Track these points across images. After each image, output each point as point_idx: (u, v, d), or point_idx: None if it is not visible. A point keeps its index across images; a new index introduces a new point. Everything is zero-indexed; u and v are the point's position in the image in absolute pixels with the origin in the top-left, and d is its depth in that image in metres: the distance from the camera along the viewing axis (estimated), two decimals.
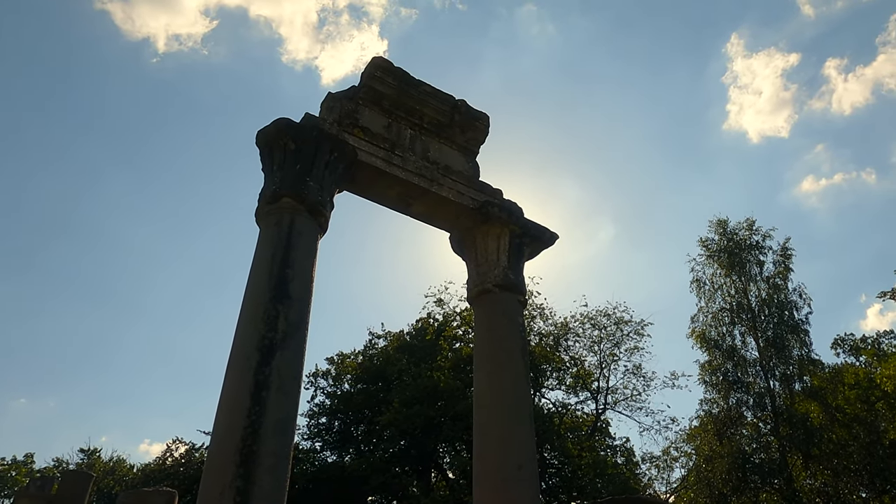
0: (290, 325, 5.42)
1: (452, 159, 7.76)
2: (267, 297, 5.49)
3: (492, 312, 7.12)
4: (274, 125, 6.44)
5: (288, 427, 5.06)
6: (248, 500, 4.54)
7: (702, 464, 23.06)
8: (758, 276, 24.67)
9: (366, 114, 7.26)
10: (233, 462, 4.68)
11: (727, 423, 22.63)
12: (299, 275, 5.75)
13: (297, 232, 5.95)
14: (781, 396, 22.61)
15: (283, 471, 4.87)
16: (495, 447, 6.20)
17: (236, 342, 5.38)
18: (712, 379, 23.60)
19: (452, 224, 7.74)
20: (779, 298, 24.00)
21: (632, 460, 30.77)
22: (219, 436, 4.92)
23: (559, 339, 30.18)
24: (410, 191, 7.25)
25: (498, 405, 6.46)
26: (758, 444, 22.76)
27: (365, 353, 36.60)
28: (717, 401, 23.33)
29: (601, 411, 30.25)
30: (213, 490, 4.63)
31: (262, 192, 6.34)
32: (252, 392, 4.98)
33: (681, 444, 26.95)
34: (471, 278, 7.55)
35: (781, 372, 22.89)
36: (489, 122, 8.11)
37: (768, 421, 22.55)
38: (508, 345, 6.85)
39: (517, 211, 7.72)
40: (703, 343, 24.27)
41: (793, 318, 23.65)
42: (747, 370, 23.15)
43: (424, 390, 28.28)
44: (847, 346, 27.41)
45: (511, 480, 5.96)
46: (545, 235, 7.89)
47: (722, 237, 25.65)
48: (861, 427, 21.20)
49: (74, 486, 10.31)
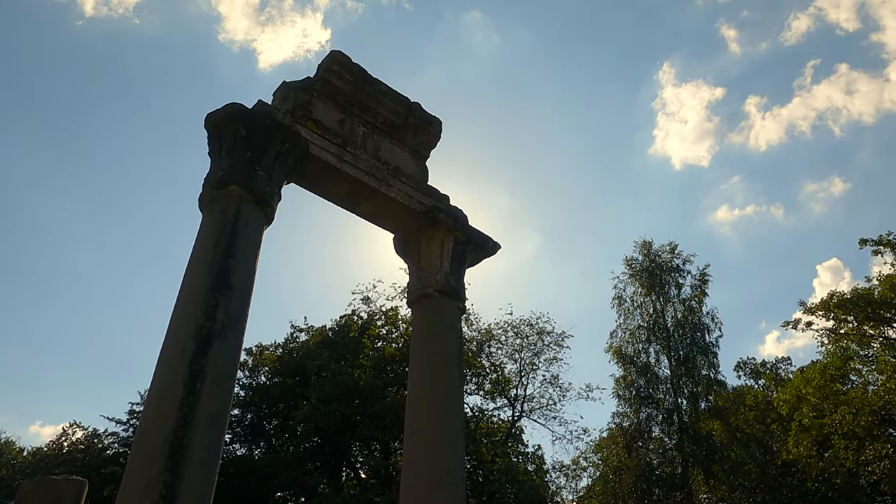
0: (229, 317, 5.28)
1: (403, 161, 7.76)
2: (207, 286, 5.32)
3: (431, 317, 7.15)
4: (226, 109, 6.26)
5: (221, 421, 4.93)
6: (176, 494, 4.39)
7: (609, 474, 23.88)
8: (675, 297, 25.83)
9: (320, 107, 7.16)
10: (161, 454, 4.51)
11: (636, 437, 23.53)
12: (242, 265, 5.61)
13: (243, 221, 5.80)
14: (688, 414, 23.72)
15: (213, 466, 4.74)
16: (426, 451, 6.23)
17: (172, 331, 5.19)
18: (625, 393, 24.49)
19: (398, 226, 7.74)
20: (693, 320, 25.19)
21: (542, 468, 31.49)
22: (147, 426, 4.74)
23: (482, 345, 30.53)
24: (359, 189, 7.19)
25: (431, 409, 6.49)
26: (663, 458, 23.78)
27: (285, 346, 35.87)
28: (629, 414, 24.23)
29: (517, 418, 30.78)
30: (137, 482, 4.45)
31: (208, 177, 6.14)
32: (186, 383, 4.82)
33: (590, 454, 27.82)
34: (412, 281, 7.56)
35: (690, 390, 24.02)
36: (441, 127, 8.15)
37: (674, 436, 23.59)
38: (445, 350, 6.90)
39: (463, 218, 7.79)
40: (620, 358, 25.16)
41: (704, 339, 24.88)
42: (659, 387, 24.17)
43: (343, 388, 27.98)
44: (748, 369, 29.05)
45: (440, 484, 6.01)
46: (488, 244, 8.00)
47: (645, 258, 26.70)
48: (757, 447, 22.51)
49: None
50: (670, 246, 26.79)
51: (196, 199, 6.11)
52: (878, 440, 20.69)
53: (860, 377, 23.13)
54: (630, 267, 26.66)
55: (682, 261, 26.43)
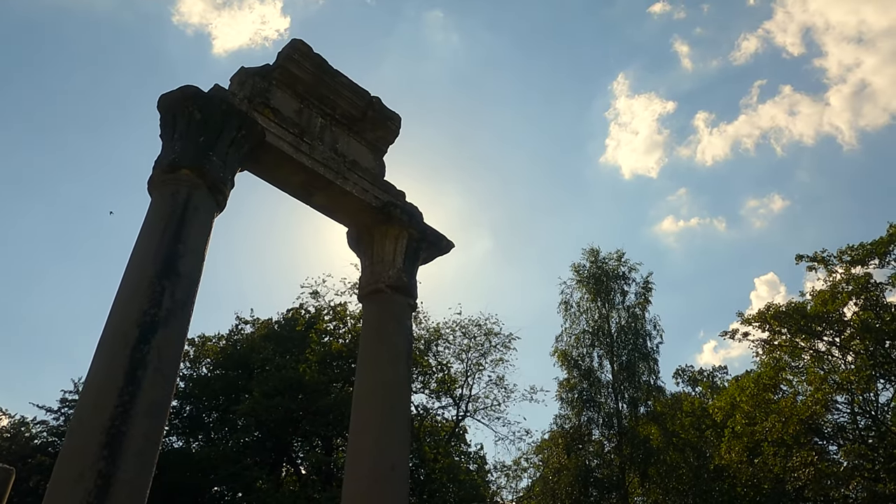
0: (175, 303, 5.15)
1: (360, 155, 7.70)
2: (153, 272, 5.17)
3: (381, 312, 7.12)
4: (181, 91, 6.09)
5: (162, 411, 4.80)
6: (111, 484, 4.25)
7: (549, 475, 24.24)
8: (620, 304, 26.42)
9: (278, 95, 7.05)
10: (97, 443, 4.36)
11: (576, 439, 23.97)
12: (191, 252, 5.47)
13: (194, 207, 5.66)
14: (627, 418, 24.28)
15: (152, 456, 4.61)
16: (371, 446, 6.21)
17: (113, 316, 5.03)
18: (568, 396, 24.91)
19: (352, 220, 7.68)
20: (635, 327, 25.82)
21: (484, 468, 31.73)
22: (83, 414, 4.57)
23: (430, 344, 30.52)
24: (315, 180, 7.11)
25: (378, 405, 6.47)
26: (601, 460, 24.30)
27: (229, 337, 35.14)
28: (571, 417, 24.66)
29: (461, 418, 30.91)
30: (70, 472, 4.29)
31: (159, 159, 5.97)
32: (127, 371, 4.67)
33: (531, 455, 28.18)
34: (364, 276, 7.52)
35: (630, 395, 24.60)
36: (401, 123, 8.13)
37: (613, 440, 24.13)
38: (394, 347, 6.89)
39: (418, 215, 7.78)
40: (564, 362, 25.57)
41: (645, 346, 25.53)
42: (601, 391, 24.68)
43: (287, 382, 27.58)
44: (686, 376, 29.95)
45: (383, 480, 5.99)
46: (442, 243, 8.01)
47: (592, 265, 27.23)
48: (692, 451, 23.23)
49: None
50: (617, 254, 27.47)
51: (144, 181, 5.93)
52: (804, 448, 21.62)
53: (791, 387, 24.14)
54: (577, 273, 27.17)
55: (628, 269, 27.12)
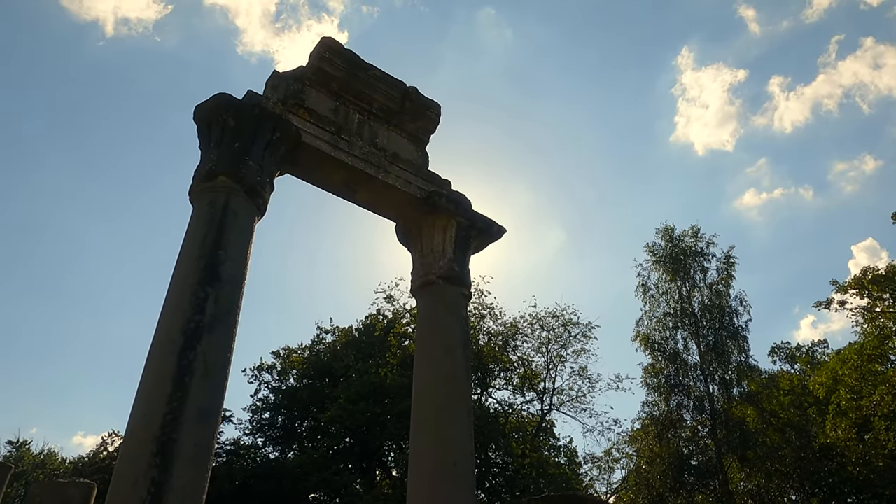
0: (219, 309, 5.14)
1: (401, 147, 7.57)
2: (196, 279, 5.19)
3: (435, 305, 6.95)
4: (213, 100, 6.14)
5: (212, 416, 4.79)
6: (164, 491, 4.26)
7: (642, 465, 23.45)
8: (701, 282, 25.28)
9: (312, 95, 7.01)
10: (149, 451, 4.39)
11: (667, 426, 23.06)
12: (233, 256, 5.47)
13: (233, 212, 5.67)
14: (720, 400, 23.17)
15: (204, 462, 4.60)
16: (432, 442, 6.04)
17: (160, 325, 5.08)
18: (654, 382, 24.02)
19: (398, 213, 7.55)
20: (720, 304, 24.61)
21: (574, 461, 31.11)
22: (135, 423, 4.62)
23: (508, 340, 30.25)
24: (356, 177, 7.02)
25: (436, 400, 6.30)
26: (696, 446, 23.29)
27: (312, 347, 35.99)
28: (659, 403, 23.76)
29: (546, 412, 30.46)
30: (125, 480, 4.33)
31: (198, 169, 6.03)
32: (174, 378, 4.70)
33: (622, 445, 27.40)
34: (415, 269, 7.37)
35: (720, 376, 23.47)
36: (440, 111, 7.94)
37: (706, 424, 23.08)
38: (450, 339, 6.70)
39: (465, 202, 7.57)
40: (647, 346, 24.70)
41: (733, 324, 24.29)
42: (688, 374, 23.66)
43: (371, 387, 27.96)
44: (783, 354, 28.32)
45: (446, 476, 5.81)
46: (493, 229, 7.76)
47: (668, 243, 26.17)
48: (793, 431, 21.89)
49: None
50: (692, 230, 26.25)
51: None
52: None
53: None
54: (653, 254, 26.18)
55: (705, 244, 25.91)
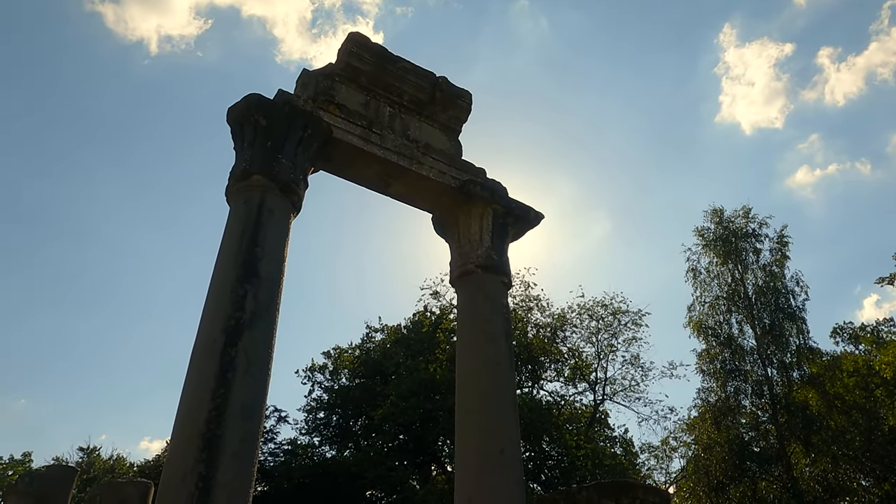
0: (258, 306, 5.21)
1: (433, 138, 7.53)
2: (234, 277, 5.27)
3: (474, 294, 6.90)
4: (244, 101, 6.21)
5: (255, 412, 4.85)
6: (211, 486, 4.33)
7: (700, 453, 22.90)
8: (754, 263, 24.46)
9: (342, 91, 7.03)
10: (196, 447, 4.47)
11: (725, 412, 22.44)
12: (269, 254, 5.53)
13: (268, 210, 5.73)
14: (779, 384, 22.42)
15: (250, 457, 4.66)
16: (477, 432, 6.00)
17: (203, 323, 5.17)
18: (710, 368, 23.40)
19: (434, 204, 7.52)
20: (775, 286, 23.78)
21: (631, 451, 30.63)
22: (182, 420, 4.71)
23: (556, 331, 29.97)
24: (389, 170, 7.02)
25: (480, 389, 6.25)
26: (756, 432, 22.59)
27: (362, 346, 36.40)
28: (715, 390, 23.14)
29: (599, 402, 30.07)
30: (174, 475, 4.43)
31: (233, 170, 6.11)
32: (217, 374, 4.77)
33: (679, 433, 26.85)
34: (453, 260, 7.33)
35: (779, 360, 22.70)
36: (471, 99, 7.87)
37: (766, 409, 22.37)
38: (491, 327, 6.63)
39: (500, 190, 7.49)
40: (700, 332, 24.08)
41: (790, 305, 23.43)
42: (745, 358, 22.95)
43: (421, 383, 28.11)
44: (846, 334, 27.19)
45: (493, 465, 5.76)
46: (530, 215, 7.66)
47: (718, 226, 25.43)
48: (860, 414, 21.02)
49: (59, 479, 10.10)
50: (743, 210, 25.40)
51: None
52: None
53: None
54: (702, 237, 25.45)
55: (757, 224, 25.07)
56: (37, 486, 11.32)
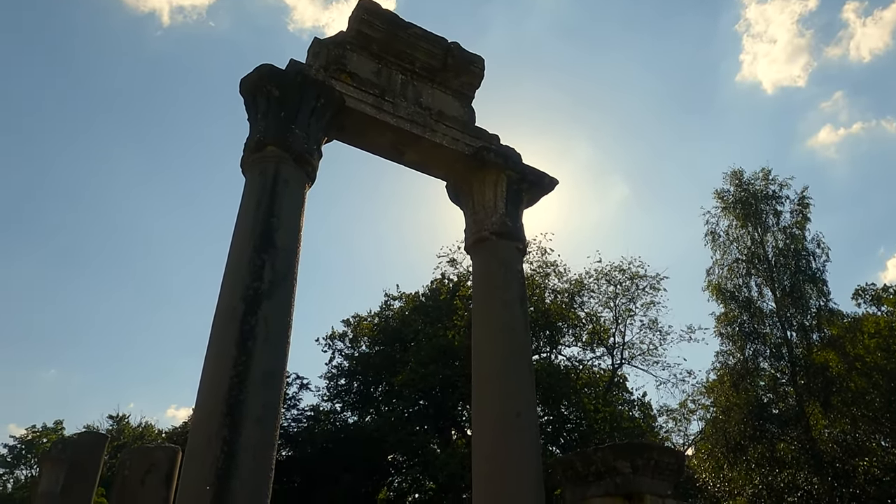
0: (276, 275, 5.30)
1: (446, 105, 7.50)
2: (251, 247, 5.36)
3: (489, 261, 6.94)
4: (256, 72, 6.23)
5: (276, 378, 4.97)
6: (235, 449, 4.48)
7: (719, 415, 23.00)
8: (774, 226, 24.15)
9: (354, 59, 7.00)
10: (219, 412, 4.61)
11: (744, 375, 22.44)
12: (285, 224, 5.60)
13: (283, 180, 5.79)
14: (799, 347, 22.33)
15: (272, 421, 4.79)
16: (494, 396, 6.10)
17: (222, 293, 5.28)
18: (728, 331, 23.33)
19: (448, 172, 7.53)
20: (796, 248, 23.51)
21: (649, 414, 30.85)
22: (206, 386, 4.85)
23: (574, 296, 30.01)
24: (403, 138, 7.03)
25: (496, 354, 6.34)
26: (775, 394, 22.59)
27: (381, 314, 36.77)
28: (734, 353, 23.10)
29: (617, 366, 30.22)
30: (199, 440, 4.58)
31: (247, 141, 6.16)
32: (238, 342, 4.89)
33: (698, 396, 26.95)
34: (468, 227, 7.37)
35: (799, 322, 22.56)
36: (484, 65, 7.81)
37: (785, 371, 22.33)
38: (506, 293, 6.69)
39: (514, 156, 7.47)
40: (719, 295, 23.97)
41: (810, 267, 23.18)
42: (764, 321, 22.83)
43: (440, 350, 28.41)
44: (868, 296, 26.91)
45: (510, 428, 5.86)
46: (544, 181, 7.64)
47: (737, 188, 25.08)
48: (881, 375, 20.90)
49: (90, 446, 10.45)
50: (763, 172, 24.96)
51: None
52: None
53: None
54: (721, 200, 25.13)
55: (777, 186, 24.66)
56: (70, 453, 11.76)
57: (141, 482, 5.94)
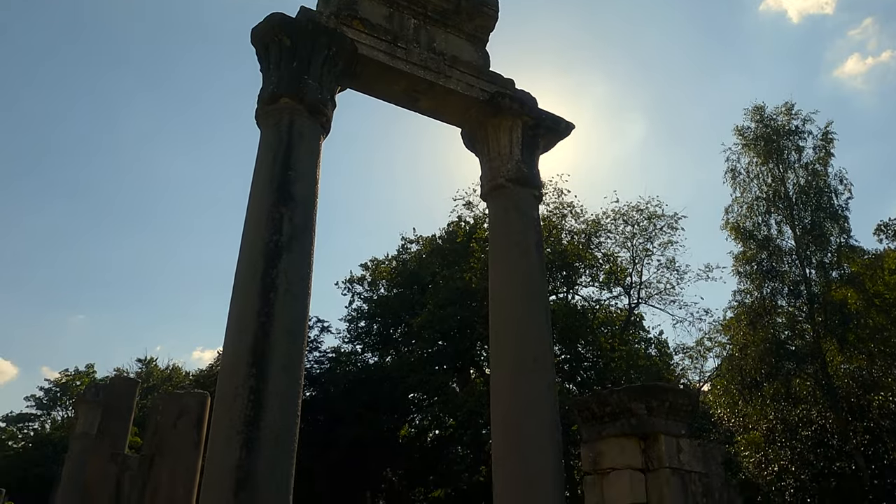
0: (295, 228, 5.37)
1: (460, 49, 7.36)
2: (270, 201, 5.41)
3: (505, 208, 6.95)
4: (267, 21, 6.14)
5: (298, 328, 5.11)
6: (262, 397, 4.65)
7: (735, 353, 23.19)
8: (796, 162, 23.66)
9: (365, 4, 6.86)
10: (245, 363, 4.77)
11: (761, 313, 22.48)
12: (302, 176, 5.63)
13: (298, 132, 5.79)
14: (817, 284, 22.25)
15: (296, 370, 4.95)
16: (511, 342, 6.22)
17: (243, 246, 5.37)
18: (746, 270, 23.24)
19: (462, 118, 7.45)
20: (818, 185, 23.11)
21: (665, 352, 31.21)
22: (231, 338, 5.00)
23: (591, 237, 29.96)
24: (416, 85, 6.94)
25: (513, 300, 6.43)
26: (792, 331, 22.65)
27: (398, 258, 37.08)
28: (751, 291, 23.09)
29: (634, 306, 30.39)
30: (228, 389, 4.75)
31: (261, 93, 6.13)
32: (261, 294, 5.01)
33: (714, 334, 27.12)
34: (484, 174, 7.35)
35: (818, 260, 22.40)
36: (498, 6, 7.62)
37: (803, 309, 22.33)
38: (522, 240, 6.73)
39: (530, 101, 7.36)
40: (738, 234, 23.77)
41: (832, 204, 22.82)
42: (782, 259, 22.68)
43: (457, 292, 28.69)
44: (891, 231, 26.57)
45: (527, 371, 6.01)
46: (560, 126, 7.55)
47: (759, 124, 24.50)
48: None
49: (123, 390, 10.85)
50: (786, 107, 24.26)
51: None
52: None
53: None
54: (742, 136, 24.56)
55: (801, 121, 24.02)
56: (103, 396, 12.25)
57: (173, 426, 6.21)
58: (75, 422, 14.01)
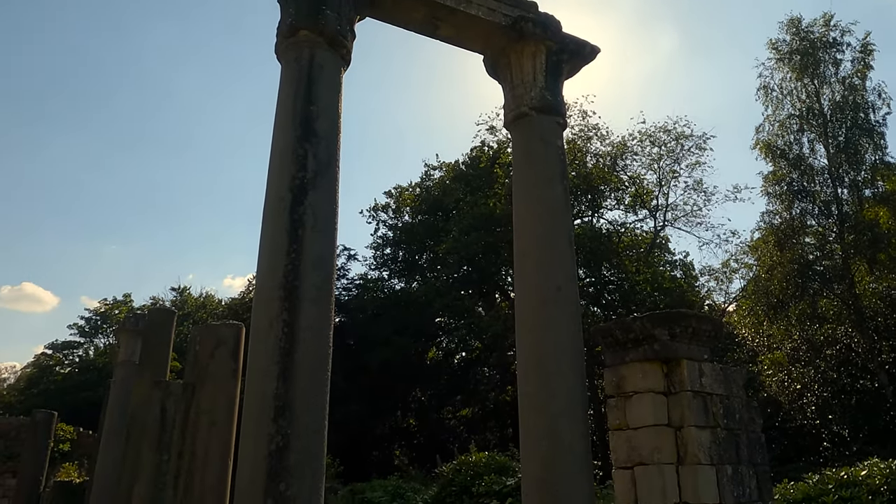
0: (319, 164, 5.40)
1: None
2: (293, 137, 5.43)
3: (529, 137, 6.88)
4: None
5: (326, 262, 5.22)
6: (295, 330, 4.83)
7: (762, 274, 23.13)
8: (832, 76, 22.74)
9: None
10: (277, 297, 4.93)
11: (789, 234, 22.25)
12: (324, 111, 5.61)
13: (318, 66, 5.72)
14: (849, 203, 21.84)
15: (326, 303, 5.10)
16: (534, 271, 6.30)
17: (270, 183, 5.44)
18: (776, 190, 22.86)
19: (484, 45, 7.28)
20: (854, 100, 22.26)
21: (690, 274, 31.23)
22: (262, 274, 5.15)
23: (616, 160, 29.53)
24: (437, 11, 6.75)
25: (537, 232, 6.45)
26: (820, 252, 22.45)
27: (422, 184, 37.02)
28: (780, 212, 22.77)
29: (660, 228, 30.23)
30: (262, 322, 4.94)
31: (279, 26, 6.03)
32: (288, 231, 5.11)
33: (741, 256, 27.00)
34: (507, 102, 7.23)
35: (851, 178, 21.89)
36: None
37: (833, 229, 22.03)
38: (546, 170, 6.68)
39: (554, 25, 7.14)
40: (768, 153, 23.24)
41: (868, 120, 22.04)
42: (814, 178, 22.21)
43: (481, 218, 28.76)
44: None
45: (550, 301, 6.10)
46: (585, 50, 7.34)
47: (794, 37, 23.42)
48: None
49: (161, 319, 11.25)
50: (824, 18, 23.10)
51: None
52: None
53: None
54: (776, 50, 23.57)
55: (839, 33, 22.89)
56: (143, 326, 12.78)
57: (211, 356, 6.50)
58: (117, 349, 14.66)
